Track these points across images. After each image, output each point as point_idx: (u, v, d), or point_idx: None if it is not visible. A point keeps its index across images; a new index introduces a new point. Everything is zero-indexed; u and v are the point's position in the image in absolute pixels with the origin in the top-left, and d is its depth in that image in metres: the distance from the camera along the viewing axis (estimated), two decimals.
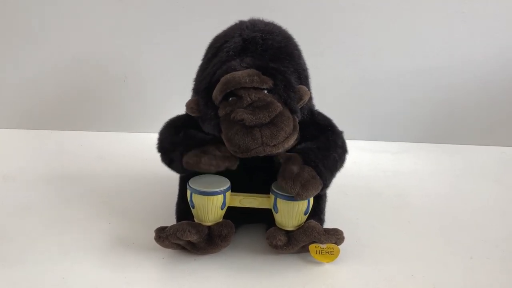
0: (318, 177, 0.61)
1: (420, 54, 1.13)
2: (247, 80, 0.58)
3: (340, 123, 0.70)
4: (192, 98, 0.66)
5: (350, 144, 0.70)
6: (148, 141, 0.75)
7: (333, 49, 1.13)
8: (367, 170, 1.01)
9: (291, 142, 0.60)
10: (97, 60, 1.15)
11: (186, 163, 0.62)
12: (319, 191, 0.62)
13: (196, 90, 0.66)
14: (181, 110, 0.71)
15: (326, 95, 1.15)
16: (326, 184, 0.63)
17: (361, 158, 1.08)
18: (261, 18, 0.69)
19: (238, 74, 0.59)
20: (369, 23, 1.10)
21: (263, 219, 0.70)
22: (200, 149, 0.62)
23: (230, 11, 1.09)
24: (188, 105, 0.63)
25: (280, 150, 0.59)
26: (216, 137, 0.63)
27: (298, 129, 0.61)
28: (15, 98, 1.19)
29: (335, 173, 0.66)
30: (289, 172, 0.60)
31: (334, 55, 1.13)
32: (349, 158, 0.70)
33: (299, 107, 0.62)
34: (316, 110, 0.70)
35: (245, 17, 0.70)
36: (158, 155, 0.69)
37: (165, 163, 0.68)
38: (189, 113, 0.64)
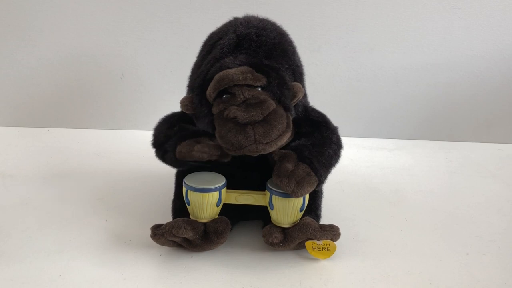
0: (313, 173, 0.61)
1: (417, 50, 1.13)
2: (240, 78, 0.58)
3: (337, 120, 0.70)
4: (186, 95, 0.65)
5: (347, 141, 0.70)
6: (144, 139, 0.75)
7: (330, 45, 1.13)
8: (364, 167, 1.01)
9: (285, 140, 0.60)
10: (94, 57, 1.15)
11: (179, 152, 0.61)
12: (314, 188, 0.62)
13: (191, 87, 0.66)
14: (177, 107, 0.71)
15: (323, 91, 1.15)
16: (321, 180, 0.63)
17: (358, 155, 1.08)
18: (255, 15, 0.69)
19: (231, 71, 0.59)
20: (366, 20, 1.10)
21: (259, 216, 0.70)
22: (194, 139, 0.62)
23: (228, 8, 1.09)
24: (183, 102, 0.63)
25: (273, 148, 0.59)
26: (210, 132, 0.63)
27: (291, 126, 0.61)
28: (11, 96, 1.19)
29: (330, 169, 0.66)
30: (284, 170, 0.60)
31: (331, 51, 1.13)
32: (346, 155, 0.70)
33: (293, 105, 0.62)
34: (310, 106, 0.70)
35: (243, 14, 0.70)
36: (154, 152, 0.69)
37: (159, 157, 0.68)
38: (183, 110, 0.64)
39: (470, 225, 0.77)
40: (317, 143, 0.64)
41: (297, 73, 0.66)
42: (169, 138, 0.64)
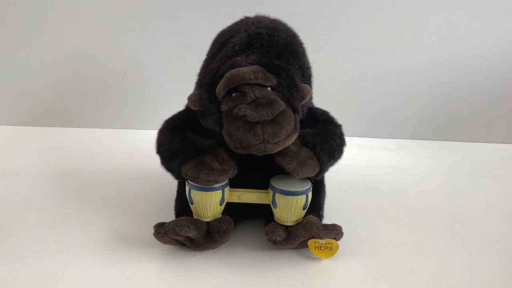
0: (315, 158, 0.62)
1: (418, 50, 1.13)
2: (251, 77, 0.58)
3: (338, 120, 0.70)
4: (194, 91, 0.65)
5: (348, 141, 0.70)
6: (147, 138, 0.75)
7: (331, 45, 1.13)
8: (366, 166, 1.02)
9: (292, 141, 0.60)
10: (96, 57, 1.15)
11: (185, 175, 0.62)
12: (315, 173, 0.62)
13: (200, 84, 0.66)
14: (180, 106, 0.72)
15: (324, 91, 1.15)
16: (323, 168, 0.63)
17: (360, 155, 1.08)
18: (266, 15, 0.69)
19: (243, 70, 0.58)
20: (368, 20, 1.11)
21: (262, 215, 0.70)
22: (198, 159, 0.61)
23: (229, 8, 1.09)
24: (191, 98, 0.62)
25: (280, 148, 0.59)
26: (215, 142, 0.63)
27: (299, 128, 0.61)
28: (14, 95, 1.19)
29: (332, 161, 0.66)
30: (287, 150, 0.61)
31: (333, 51, 1.13)
32: (348, 155, 0.70)
33: (300, 106, 0.62)
34: (314, 107, 0.70)
35: (245, 13, 0.70)
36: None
37: (163, 167, 0.67)
38: (190, 107, 0.63)
39: (471, 225, 0.77)
40: (321, 133, 0.65)
41: (306, 75, 0.66)
42: (173, 156, 0.64)
